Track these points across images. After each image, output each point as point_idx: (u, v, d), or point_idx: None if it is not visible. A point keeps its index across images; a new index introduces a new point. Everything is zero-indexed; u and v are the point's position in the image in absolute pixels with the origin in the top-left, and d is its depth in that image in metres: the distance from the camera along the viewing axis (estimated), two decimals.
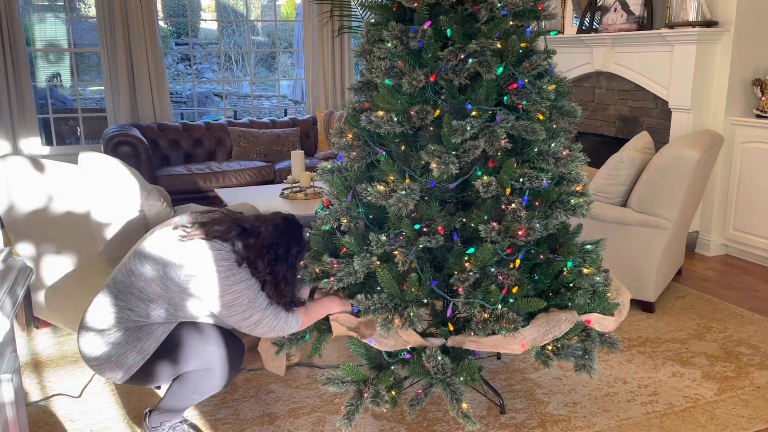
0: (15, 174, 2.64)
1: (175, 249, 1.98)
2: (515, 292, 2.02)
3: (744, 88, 4.12)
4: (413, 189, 2.01)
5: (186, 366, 2.06)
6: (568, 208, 2.12)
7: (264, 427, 2.34)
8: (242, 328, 2.03)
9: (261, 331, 2.03)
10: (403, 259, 2.01)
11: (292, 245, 2.10)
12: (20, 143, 5.65)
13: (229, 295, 1.96)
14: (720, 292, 3.63)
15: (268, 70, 12.11)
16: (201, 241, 1.98)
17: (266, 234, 2.06)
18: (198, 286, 1.96)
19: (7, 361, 1.64)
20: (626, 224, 3.23)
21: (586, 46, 4.91)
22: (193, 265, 1.95)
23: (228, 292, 1.96)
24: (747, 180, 4.07)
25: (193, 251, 1.96)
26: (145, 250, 2.03)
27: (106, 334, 2.01)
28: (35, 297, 2.92)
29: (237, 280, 1.98)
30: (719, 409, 2.44)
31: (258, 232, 2.06)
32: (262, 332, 2.04)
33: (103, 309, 2.03)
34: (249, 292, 1.99)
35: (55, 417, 2.41)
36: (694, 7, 4.02)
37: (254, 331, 2.03)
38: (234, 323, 2.02)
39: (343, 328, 2.14)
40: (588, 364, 2.17)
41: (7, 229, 2.75)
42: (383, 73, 2.08)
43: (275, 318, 2.03)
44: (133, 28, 5.73)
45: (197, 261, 1.95)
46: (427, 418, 2.38)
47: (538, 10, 2.12)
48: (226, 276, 1.96)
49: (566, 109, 2.18)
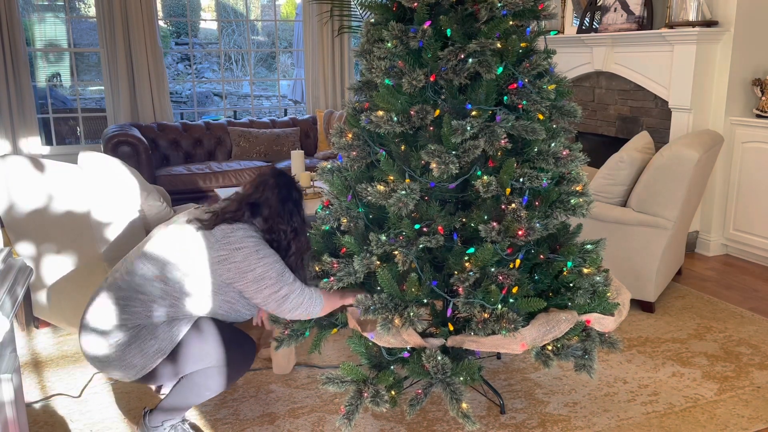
0: (15, 174, 2.64)
1: (198, 237, 2.03)
2: (515, 292, 2.02)
3: (744, 88, 4.12)
4: (413, 189, 2.01)
5: (188, 367, 2.07)
6: (568, 208, 2.12)
7: (264, 427, 2.34)
8: (269, 304, 2.07)
9: (288, 306, 2.07)
10: (403, 259, 2.01)
11: (293, 193, 2.22)
12: (20, 143, 5.65)
13: (260, 268, 2.02)
14: (720, 292, 3.63)
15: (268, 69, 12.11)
16: (223, 225, 2.06)
17: (272, 199, 2.15)
18: (229, 266, 2.02)
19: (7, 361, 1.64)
20: (626, 224, 3.23)
21: (586, 46, 4.91)
22: (223, 247, 2.01)
23: (258, 265, 2.03)
24: (747, 180, 4.07)
25: (220, 234, 2.03)
26: (156, 249, 2.05)
27: (110, 336, 2.01)
28: (35, 297, 2.92)
29: (266, 254, 2.05)
30: (719, 409, 2.44)
31: (267, 202, 2.15)
32: (289, 308, 2.08)
33: (104, 310, 2.03)
34: (278, 266, 2.07)
35: (55, 417, 2.41)
36: (694, 7, 4.02)
37: (282, 307, 2.07)
38: (262, 299, 2.06)
39: (353, 322, 2.15)
40: (588, 364, 2.17)
41: (7, 229, 2.75)
42: (383, 72, 2.08)
43: (301, 294, 2.09)
44: (133, 28, 5.73)
45: (226, 242, 2.02)
46: (427, 418, 2.38)
47: (538, 9, 2.12)
48: (256, 250, 2.03)
49: (566, 109, 2.18)
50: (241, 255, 2.02)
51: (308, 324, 2.32)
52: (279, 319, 2.37)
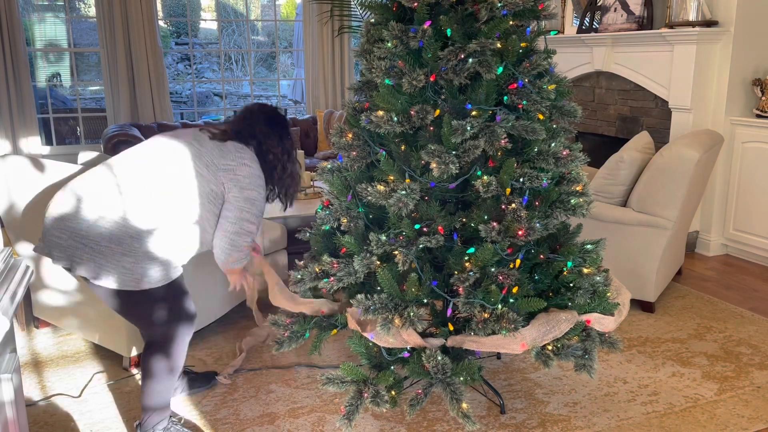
0: (15, 174, 2.63)
1: (211, 143, 2.15)
2: (515, 292, 2.02)
3: (744, 88, 4.12)
4: (413, 189, 2.01)
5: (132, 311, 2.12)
6: (568, 208, 2.12)
7: (264, 427, 2.34)
8: (231, 225, 2.15)
9: (239, 241, 2.16)
10: (403, 259, 2.01)
11: (279, 117, 2.33)
12: (20, 143, 5.65)
13: (255, 192, 2.16)
14: (720, 292, 3.63)
15: (268, 69, 12.11)
16: (235, 141, 2.19)
17: (262, 125, 2.27)
18: (231, 177, 2.12)
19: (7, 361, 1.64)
20: (626, 224, 3.23)
21: (586, 46, 4.91)
22: (234, 159, 2.14)
23: (256, 188, 2.16)
24: (747, 180, 4.07)
25: (232, 147, 2.16)
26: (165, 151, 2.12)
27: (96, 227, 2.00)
28: (35, 297, 2.92)
29: (263, 184, 2.21)
30: (719, 409, 2.44)
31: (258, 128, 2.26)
32: (238, 241, 2.16)
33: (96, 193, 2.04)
34: (264, 204, 2.22)
35: (55, 417, 2.41)
36: (694, 7, 4.02)
37: (236, 236, 2.15)
38: (234, 218, 2.14)
39: (353, 322, 2.15)
40: (588, 364, 2.17)
41: (7, 229, 2.75)
42: (383, 72, 2.08)
43: (256, 233, 2.22)
44: (133, 28, 5.73)
45: (238, 155, 2.15)
46: (427, 418, 2.38)
47: (538, 9, 2.12)
48: (259, 176, 2.18)
49: (566, 109, 2.18)
50: (246, 171, 2.14)
51: (307, 325, 2.32)
52: (279, 320, 2.37)
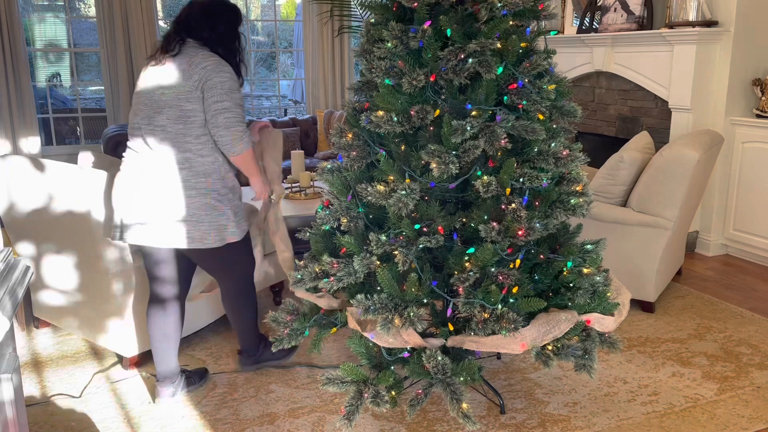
0: (15, 174, 2.64)
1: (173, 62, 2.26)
2: (515, 292, 2.02)
3: (744, 88, 4.12)
4: (413, 189, 2.01)
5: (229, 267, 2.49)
6: (568, 208, 2.12)
7: (264, 427, 2.34)
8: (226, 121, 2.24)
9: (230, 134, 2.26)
10: (403, 259, 2.01)
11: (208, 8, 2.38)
12: (20, 143, 5.65)
13: (219, 77, 2.24)
14: (720, 292, 3.63)
15: (268, 69, 12.11)
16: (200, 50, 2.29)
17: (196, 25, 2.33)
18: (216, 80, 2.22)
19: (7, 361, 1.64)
20: (626, 224, 3.23)
21: (586, 46, 4.91)
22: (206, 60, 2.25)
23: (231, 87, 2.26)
24: (747, 180, 4.07)
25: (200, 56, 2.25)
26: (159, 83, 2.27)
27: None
28: (35, 297, 2.92)
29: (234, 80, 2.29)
30: (719, 409, 2.44)
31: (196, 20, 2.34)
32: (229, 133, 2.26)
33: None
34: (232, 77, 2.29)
35: (55, 417, 2.41)
36: (694, 7, 4.02)
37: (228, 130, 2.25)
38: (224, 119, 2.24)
39: (353, 322, 2.15)
40: (588, 364, 2.17)
41: (7, 229, 2.75)
42: (383, 72, 2.08)
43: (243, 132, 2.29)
44: (133, 28, 5.73)
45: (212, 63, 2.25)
46: (427, 418, 2.38)
47: (538, 9, 2.12)
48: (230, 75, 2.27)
49: (566, 109, 2.18)
50: (227, 76, 2.24)
51: (307, 323, 2.32)
52: (279, 318, 2.37)
